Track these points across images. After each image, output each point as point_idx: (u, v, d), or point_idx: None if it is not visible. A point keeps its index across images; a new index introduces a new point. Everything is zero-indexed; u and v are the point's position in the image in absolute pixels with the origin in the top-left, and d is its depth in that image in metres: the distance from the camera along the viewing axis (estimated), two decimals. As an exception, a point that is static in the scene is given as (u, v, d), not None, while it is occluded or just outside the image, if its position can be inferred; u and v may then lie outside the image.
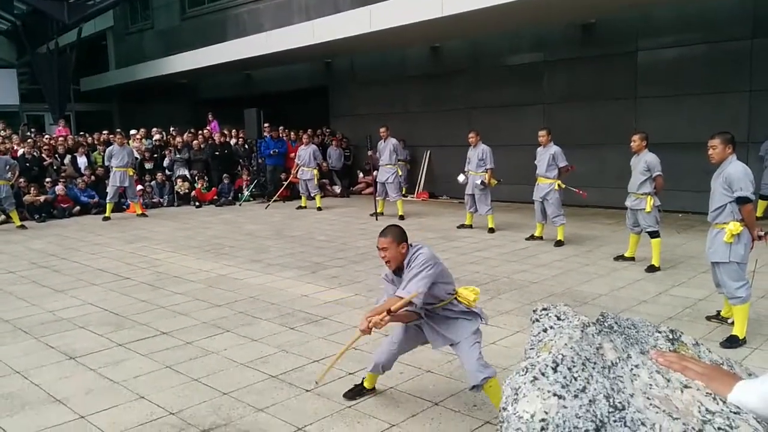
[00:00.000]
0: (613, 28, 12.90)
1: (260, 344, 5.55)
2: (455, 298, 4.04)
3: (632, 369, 1.53)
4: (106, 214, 13.64)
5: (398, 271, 3.99)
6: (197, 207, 15.55)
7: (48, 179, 14.52)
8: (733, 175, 5.40)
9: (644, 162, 8.02)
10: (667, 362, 1.53)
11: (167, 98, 24.34)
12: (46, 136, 17.51)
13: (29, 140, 15.95)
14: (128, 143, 15.15)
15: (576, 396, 1.38)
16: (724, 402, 1.39)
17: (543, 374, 1.41)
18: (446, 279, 4.02)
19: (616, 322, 1.75)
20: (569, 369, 1.43)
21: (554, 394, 1.37)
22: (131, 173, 13.87)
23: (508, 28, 14.14)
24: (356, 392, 4.43)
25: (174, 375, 4.89)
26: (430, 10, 12.16)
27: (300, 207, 14.88)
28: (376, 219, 12.70)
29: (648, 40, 12.47)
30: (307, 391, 4.54)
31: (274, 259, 9.18)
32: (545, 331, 1.68)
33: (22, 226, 12.57)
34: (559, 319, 1.71)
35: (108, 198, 13.72)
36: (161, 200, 15.96)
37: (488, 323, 4.36)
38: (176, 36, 23.23)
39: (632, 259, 8.48)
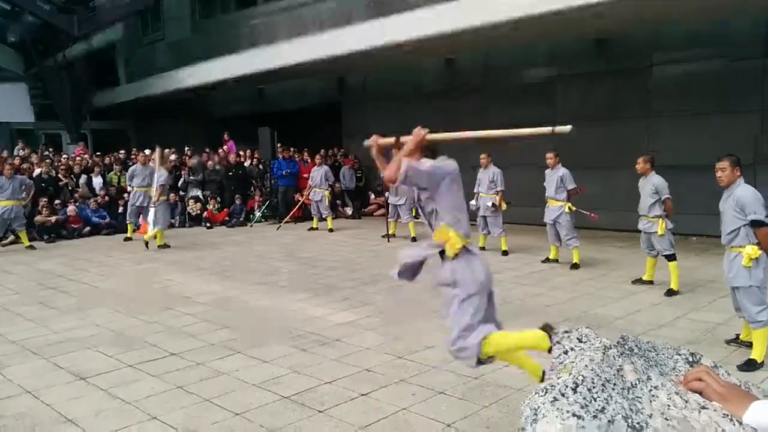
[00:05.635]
0: (627, 43, 12.85)
1: (272, 366, 5.51)
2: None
3: (651, 390, 1.52)
4: (128, 235, 13.61)
5: None
6: (208, 228, 15.58)
7: (57, 201, 14.54)
8: (743, 198, 5.38)
9: (651, 185, 7.96)
10: (692, 378, 1.49)
11: (182, 117, 24.32)
12: (64, 156, 17.62)
13: (47, 160, 16.05)
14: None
15: (595, 416, 1.36)
16: (741, 423, 1.37)
17: (563, 395, 1.39)
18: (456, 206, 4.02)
19: (636, 345, 1.74)
20: (589, 390, 1.41)
21: (573, 415, 1.35)
22: (152, 193, 13.90)
23: (521, 42, 14.06)
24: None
25: (185, 395, 4.85)
26: (443, 23, 12.09)
27: (311, 228, 14.87)
28: (388, 241, 12.67)
29: (662, 54, 12.40)
30: (320, 412, 4.50)
31: (285, 281, 9.16)
32: (566, 353, 1.65)
33: (31, 247, 12.57)
34: (580, 341, 1.69)
35: (128, 218, 13.65)
36: (173, 221, 15.98)
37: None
38: (188, 48, 22.82)
39: (651, 282, 8.37)
